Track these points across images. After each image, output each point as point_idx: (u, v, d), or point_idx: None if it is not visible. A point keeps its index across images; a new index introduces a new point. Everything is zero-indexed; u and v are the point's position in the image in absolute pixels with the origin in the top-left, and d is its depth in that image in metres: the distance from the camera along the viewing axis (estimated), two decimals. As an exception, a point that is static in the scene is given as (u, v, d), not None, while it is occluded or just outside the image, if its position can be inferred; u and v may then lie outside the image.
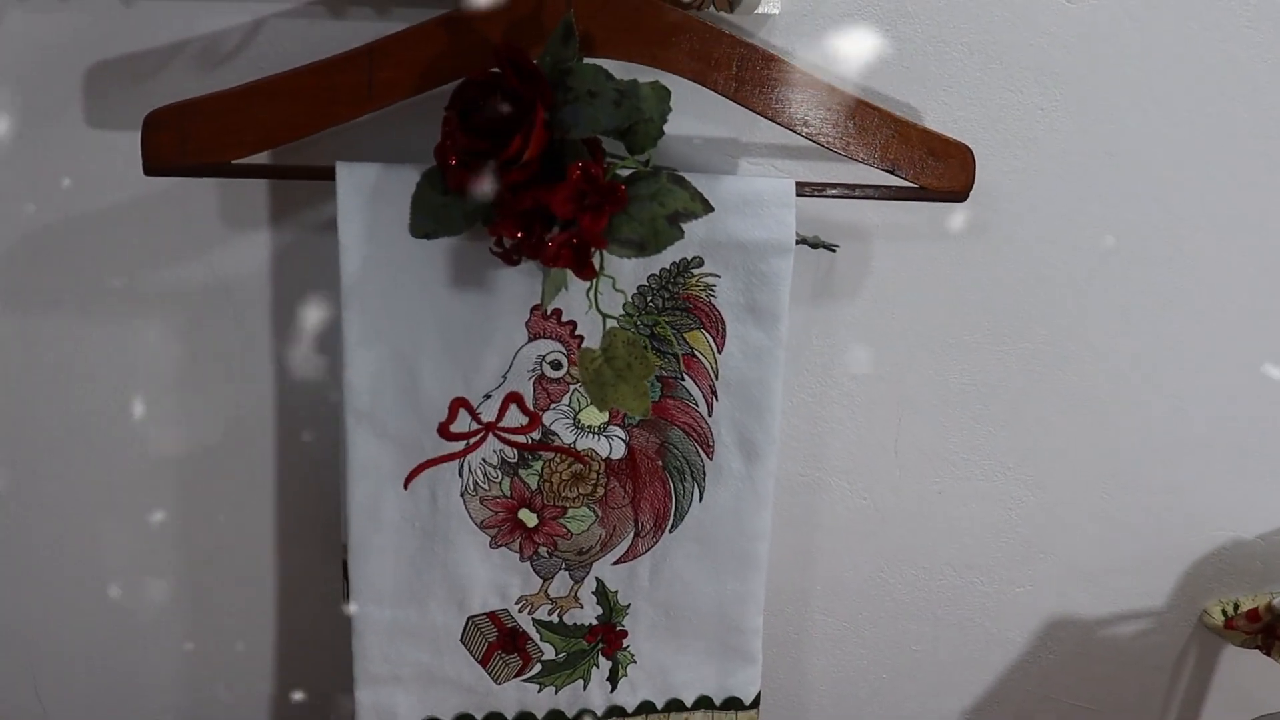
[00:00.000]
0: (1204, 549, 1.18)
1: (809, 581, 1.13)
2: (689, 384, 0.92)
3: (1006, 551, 1.14)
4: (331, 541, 1.03)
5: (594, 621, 0.97)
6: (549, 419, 0.91)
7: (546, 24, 0.81)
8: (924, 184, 0.91)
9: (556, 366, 0.90)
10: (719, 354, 0.91)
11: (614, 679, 0.99)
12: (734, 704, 1.01)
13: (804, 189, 0.90)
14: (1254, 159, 1.04)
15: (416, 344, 0.87)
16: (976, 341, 1.07)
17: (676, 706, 1.01)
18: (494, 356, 0.89)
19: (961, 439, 1.10)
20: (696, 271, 0.89)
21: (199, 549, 1.05)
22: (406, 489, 0.91)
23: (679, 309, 0.90)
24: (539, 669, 0.98)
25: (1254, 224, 1.06)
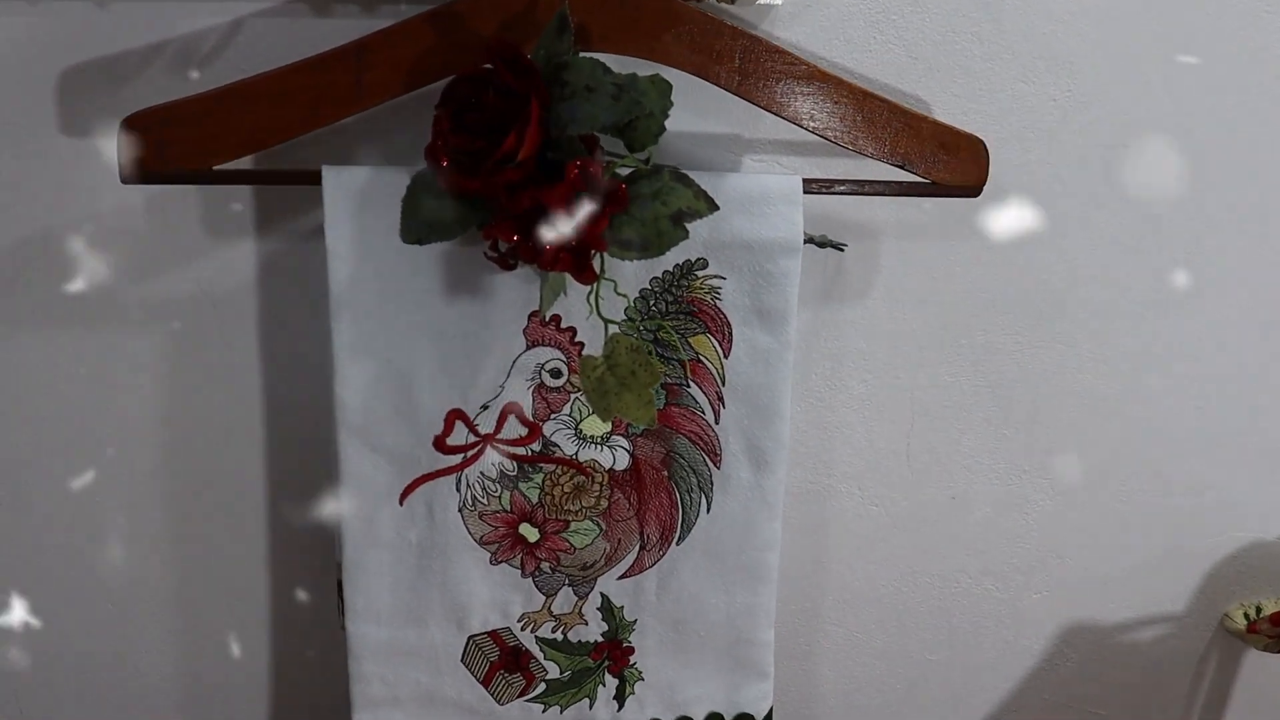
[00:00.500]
0: (1225, 551, 1.17)
1: (820, 592, 1.12)
2: (695, 390, 0.91)
3: (1022, 557, 1.14)
4: (326, 560, 1.02)
5: (599, 638, 0.96)
6: (549, 430, 0.90)
7: (540, 17, 0.80)
8: (936, 179, 0.90)
9: (556, 375, 0.89)
10: (725, 359, 0.90)
11: (621, 697, 0.98)
12: (746, 720, 1.00)
13: (811, 186, 0.88)
14: (1278, 150, 1.03)
15: (410, 355, 0.86)
16: (990, 342, 1.06)
17: (686, 724, 0.99)
18: (491, 366, 0.88)
19: (975, 442, 1.09)
20: (701, 274, 0.88)
21: (188, 570, 1.04)
22: (402, 505, 0.90)
23: (683, 313, 0.89)
24: (543, 688, 0.96)
25: (1278, 216, 1.05)
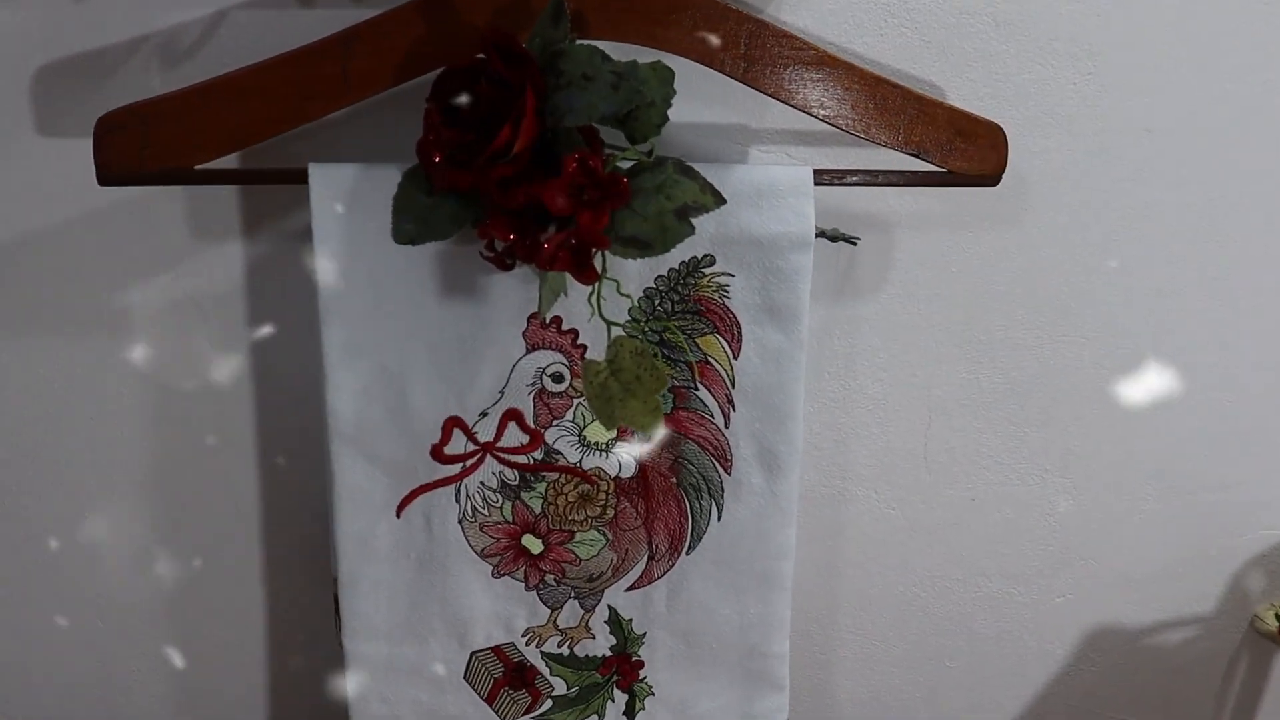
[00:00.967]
0: (1254, 550, 1.15)
1: (835, 599, 1.12)
2: (703, 393, 0.89)
3: (1045, 559, 1.12)
4: (322, 573, 1.02)
5: (608, 652, 0.95)
6: (552, 436, 0.89)
7: (535, 4, 0.79)
8: (952, 168, 0.88)
9: (558, 379, 0.88)
10: (735, 360, 0.89)
11: (631, 713, 0.97)
12: (761, 734, 0.99)
13: (822, 177, 0.87)
14: (1308, 133, 1.03)
15: (404, 360, 0.85)
16: (1009, 337, 1.04)
17: (699, 740, 0.99)
18: (489, 371, 0.87)
19: (995, 442, 1.08)
20: (708, 271, 0.86)
21: (178, 585, 1.04)
22: (399, 517, 0.89)
23: (690, 312, 0.87)
24: (550, 705, 0.96)
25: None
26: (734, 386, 0.89)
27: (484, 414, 0.87)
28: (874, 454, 1.06)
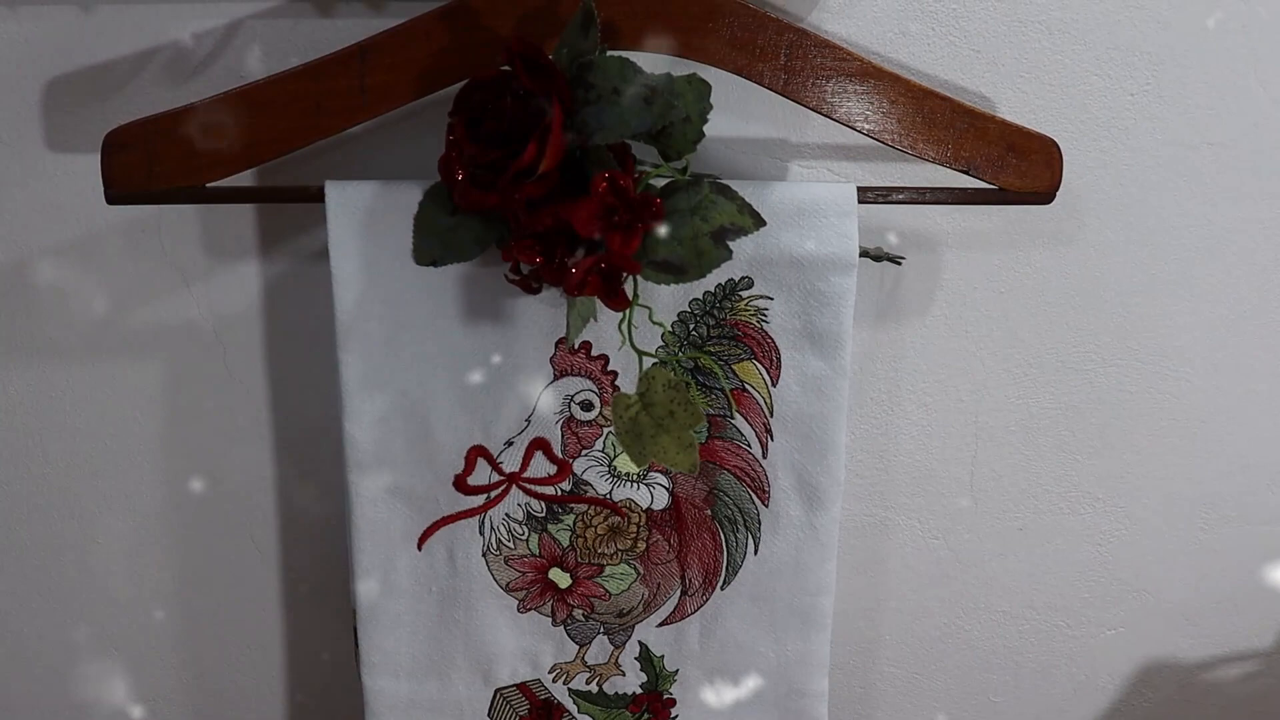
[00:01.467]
0: None
1: (876, 632, 1.11)
2: (740, 422, 0.88)
3: (1096, 591, 1.11)
4: (341, 607, 1.03)
5: (638, 690, 0.94)
6: (580, 467, 0.88)
7: (562, 13, 0.78)
8: (1003, 185, 0.86)
9: (587, 408, 0.86)
10: (773, 387, 0.87)
11: None
12: (798, 776, 0.99)
13: (866, 195, 0.86)
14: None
15: (426, 387, 0.84)
16: (1060, 361, 1.03)
17: (732, 782, 0.98)
18: (515, 399, 0.86)
19: (1044, 470, 1.07)
20: (745, 294, 0.85)
21: (194, 618, 1.04)
22: (421, 550, 0.88)
23: (726, 338, 0.86)
24: None
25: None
26: (772, 415, 0.87)
27: (509, 443, 0.86)
28: (917, 482, 1.06)
